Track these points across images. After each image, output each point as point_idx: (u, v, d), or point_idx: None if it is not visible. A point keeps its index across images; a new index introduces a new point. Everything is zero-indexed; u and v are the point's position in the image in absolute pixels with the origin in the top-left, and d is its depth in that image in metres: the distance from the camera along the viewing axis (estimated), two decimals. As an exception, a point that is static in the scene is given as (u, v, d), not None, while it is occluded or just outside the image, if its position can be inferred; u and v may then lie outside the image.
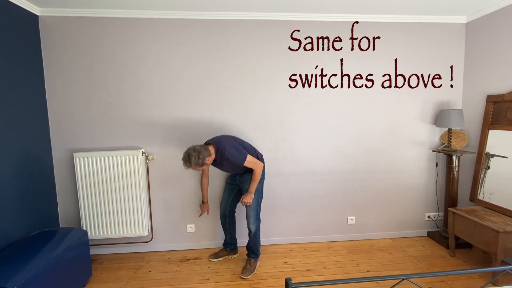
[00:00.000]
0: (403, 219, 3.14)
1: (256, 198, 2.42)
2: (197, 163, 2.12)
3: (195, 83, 2.77)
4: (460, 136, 2.94)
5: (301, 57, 2.84)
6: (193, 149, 2.14)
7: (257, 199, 2.44)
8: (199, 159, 2.11)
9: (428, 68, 2.98)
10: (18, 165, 2.28)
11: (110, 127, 2.74)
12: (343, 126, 2.96)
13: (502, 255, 2.21)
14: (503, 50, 2.59)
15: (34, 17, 2.53)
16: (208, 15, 2.69)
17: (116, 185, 2.66)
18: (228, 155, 2.20)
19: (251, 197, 2.35)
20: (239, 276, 2.44)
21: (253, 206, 2.42)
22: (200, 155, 2.11)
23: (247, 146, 2.42)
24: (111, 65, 2.69)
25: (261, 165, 2.37)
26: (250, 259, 2.53)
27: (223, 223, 2.70)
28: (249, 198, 2.35)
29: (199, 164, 2.13)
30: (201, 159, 2.12)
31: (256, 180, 2.34)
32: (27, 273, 1.71)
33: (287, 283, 1.18)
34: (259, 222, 2.51)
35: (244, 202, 2.36)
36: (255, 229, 2.46)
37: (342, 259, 2.72)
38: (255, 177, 2.33)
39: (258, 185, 2.42)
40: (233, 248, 2.75)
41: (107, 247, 2.86)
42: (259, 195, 2.46)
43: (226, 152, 2.20)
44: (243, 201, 2.36)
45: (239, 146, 2.29)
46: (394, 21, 2.88)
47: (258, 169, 2.33)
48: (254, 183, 2.35)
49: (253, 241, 2.48)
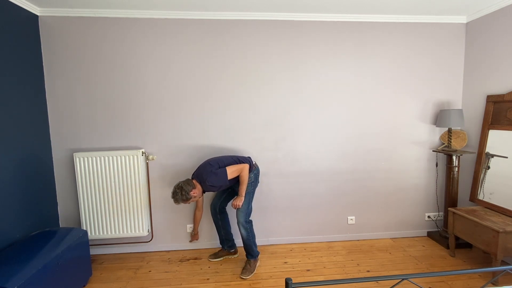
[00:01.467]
0: (403, 219, 3.15)
1: (246, 201, 2.42)
2: (182, 198, 2.28)
3: (195, 83, 2.77)
4: (460, 136, 2.94)
5: (301, 57, 2.84)
6: (177, 187, 2.30)
7: (247, 202, 2.43)
8: (183, 195, 2.27)
9: (428, 68, 2.98)
10: (18, 165, 2.28)
11: (110, 127, 2.74)
12: (343, 126, 2.96)
13: (502, 255, 2.21)
14: (503, 50, 2.59)
15: (34, 17, 2.53)
16: (208, 15, 2.69)
17: (116, 185, 2.66)
18: (210, 184, 2.32)
19: (241, 199, 2.36)
20: (239, 276, 2.44)
21: (243, 209, 2.41)
22: (182, 191, 2.27)
23: (223, 160, 2.45)
24: (111, 65, 2.69)
25: (245, 166, 2.40)
26: (249, 260, 2.53)
27: (216, 221, 2.70)
28: (239, 201, 2.35)
29: (185, 199, 2.28)
30: (184, 195, 2.27)
31: (244, 182, 2.37)
32: (27, 273, 1.71)
33: (287, 283, 1.18)
34: (251, 224, 2.49)
35: (234, 205, 2.35)
36: (247, 232, 2.44)
37: (342, 259, 2.72)
38: (243, 179, 2.37)
39: (249, 188, 2.43)
40: (231, 245, 2.74)
41: (107, 247, 2.86)
42: (250, 198, 2.46)
43: (208, 182, 2.32)
44: (234, 204, 2.35)
45: (216, 170, 2.35)
46: (394, 21, 2.88)
47: (243, 172, 2.38)
48: (242, 185, 2.37)
49: (246, 243, 2.48)
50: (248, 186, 2.43)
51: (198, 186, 2.35)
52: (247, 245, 2.48)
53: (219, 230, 2.72)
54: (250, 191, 2.46)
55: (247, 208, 2.44)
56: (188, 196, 2.28)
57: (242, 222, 2.41)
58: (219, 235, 2.74)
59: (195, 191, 2.32)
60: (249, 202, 2.46)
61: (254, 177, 2.50)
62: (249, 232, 2.46)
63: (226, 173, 2.33)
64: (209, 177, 2.31)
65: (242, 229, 2.43)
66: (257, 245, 2.78)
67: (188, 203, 2.34)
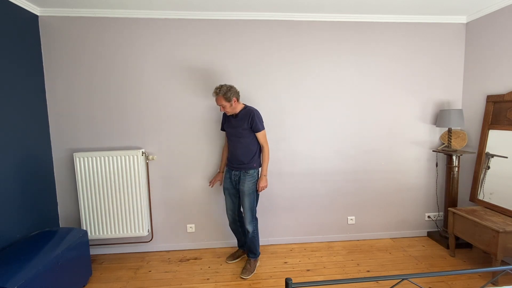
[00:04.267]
0: (403, 219, 3.14)
1: (252, 198, 2.45)
2: (225, 94, 2.30)
3: (194, 83, 2.77)
4: (460, 136, 2.94)
5: (301, 57, 2.84)
6: (227, 84, 2.37)
7: (253, 199, 2.46)
8: (229, 92, 2.31)
9: (428, 68, 2.98)
10: (18, 165, 2.28)
11: (110, 127, 2.74)
12: (343, 126, 2.96)
13: (502, 255, 2.21)
14: (503, 50, 2.59)
15: (34, 17, 2.53)
16: (208, 15, 2.69)
17: (116, 185, 2.66)
18: (256, 113, 2.40)
19: (265, 179, 2.46)
20: (239, 276, 2.44)
21: (249, 206, 2.44)
22: (231, 89, 2.33)
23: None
24: (111, 65, 2.69)
25: (268, 147, 2.50)
26: (250, 259, 2.53)
27: (235, 228, 2.67)
28: (264, 182, 2.44)
29: (226, 96, 2.31)
30: (231, 93, 2.32)
31: (266, 160, 2.46)
32: (27, 273, 1.71)
33: (287, 283, 1.18)
34: (256, 222, 2.52)
35: (261, 187, 2.44)
36: (253, 229, 2.47)
37: (342, 259, 2.72)
38: (265, 157, 2.46)
39: (254, 186, 2.46)
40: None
41: (107, 247, 2.86)
42: (255, 195, 2.48)
43: (255, 111, 2.40)
44: (260, 186, 2.44)
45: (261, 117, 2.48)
46: (394, 21, 2.88)
47: (267, 148, 2.47)
48: (265, 163, 2.46)
49: (251, 241, 2.49)
50: (253, 185, 2.45)
51: (239, 104, 2.42)
52: (252, 242, 2.50)
53: (239, 235, 2.72)
54: (255, 189, 2.48)
55: (253, 205, 2.47)
56: (230, 97, 2.31)
57: (249, 218, 2.45)
58: (239, 240, 2.74)
59: (234, 102, 2.36)
60: (255, 199, 2.49)
61: (257, 175, 2.51)
62: (254, 228, 2.48)
63: (264, 130, 2.45)
64: (258, 113, 2.43)
65: (248, 225, 2.46)
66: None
67: (222, 102, 2.33)
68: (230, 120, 2.48)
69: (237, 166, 2.47)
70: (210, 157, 2.86)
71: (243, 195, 2.45)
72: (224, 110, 2.40)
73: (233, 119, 2.45)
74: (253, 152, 2.45)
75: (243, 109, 2.43)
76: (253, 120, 2.37)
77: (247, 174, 2.44)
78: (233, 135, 2.47)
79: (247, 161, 2.44)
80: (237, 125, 2.42)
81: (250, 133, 2.42)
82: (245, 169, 2.44)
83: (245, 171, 2.44)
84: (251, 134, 2.43)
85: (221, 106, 2.36)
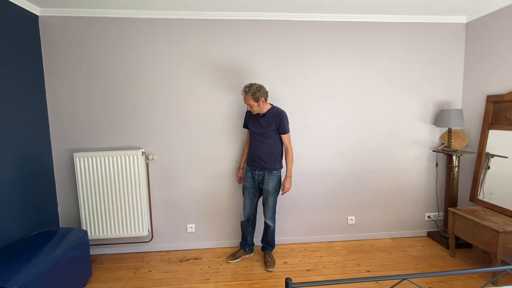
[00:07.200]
0: (403, 219, 3.14)
1: (275, 197, 2.57)
2: (254, 93, 2.31)
3: (194, 83, 2.77)
4: (460, 136, 2.94)
5: (300, 57, 2.84)
6: (256, 83, 2.37)
7: (276, 197, 2.58)
8: (258, 92, 2.31)
9: (428, 68, 2.98)
10: (18, 165, 2.28)
11: (110, 127, 2.74)
12: (343, 126, 2.96)
13: (502, 255, 2.21)
14: (503, 50, 2.59)
15: (34, 17, 2.53)
16: (208, 15, 2.69)
17: (116, 185, 2.66)
18: (284, 115, 2.43)
19: (290, 180, 2.51)
20: (266, 270, 2.53)
21: (272, 204, 2.56)
22: (261, 89, 2.34)
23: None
24: (111, 65, 2.69)
25: (292, 149, 2.54)
26: (269, 252, 2.67)
27: (246, 226, 2.70)
28: (289, 183, 2.50)
29: (255, 96, 2.31)
30: (260, 93, 2.32)
31: (291, 162, 2.51)
32: (27, 273, 1.71)
33: (287, 283, 1.18)
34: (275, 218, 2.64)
35: (286, 188, 2.50)
36: (274, 224, 2.62)
37: (342, 259, 2.72)
38: (290, 159, 2.50)
39: (278, 186, 2.55)
40: (251, 249, 2.79)
41: (107, 247, 2.86)
42: (277, 195, 2.59)
43: (283, 113, 2.43)
44: (286, 187, 2.50)
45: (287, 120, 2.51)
46: (394, 21, 2.88)
47: (291, 149, 2.52)
48: (289, 165, 2.51)
49: (271, 235, 2.65)
50: (277, 184, 2.55)
51: (266, 104, 2.43)
52: (271, 236, 2.65)
53: (247, 236, 2.73)
54: (278, 188, 2.57)
55: (275, 202, 2.59)
56: (259, 96, 2.32)
57: (271, 214, 2.58)
58: (245, 240, 2.75)
59: (263, 102, 2.37)
60: (277, 197, 2.60)
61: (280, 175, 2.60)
62: (275, 224, 2.64)
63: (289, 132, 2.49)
64: (285, 114, 2.45)
65: (270, 221, 2.59)
66: (257, 245, 2.84)
67: (250, 102, 2.33)
68: (257, 119, 2.49)
69: (260, 166, 2.51)
70: (210, 157, 2.86)
71: (267, 194, 2.53)
72: (251, 110, 2.42)
73: (261, 118, 2.46)
74: (276, 153, 2.50)
75: (271, 109, 2.45)
76: (281, 121, 2.41)
77: (271, 175, 2.51)
78: (259, 135, 2.49)
79: (270, 162, 2.48)
80: (265, 125, 2.44)
81: (276, 134, 2.46)
82: (269, 169, 2.49)
83: (269, 171, 2.50)
84: (277, 135, 2.47)
85: (249, 105, 2.38)
